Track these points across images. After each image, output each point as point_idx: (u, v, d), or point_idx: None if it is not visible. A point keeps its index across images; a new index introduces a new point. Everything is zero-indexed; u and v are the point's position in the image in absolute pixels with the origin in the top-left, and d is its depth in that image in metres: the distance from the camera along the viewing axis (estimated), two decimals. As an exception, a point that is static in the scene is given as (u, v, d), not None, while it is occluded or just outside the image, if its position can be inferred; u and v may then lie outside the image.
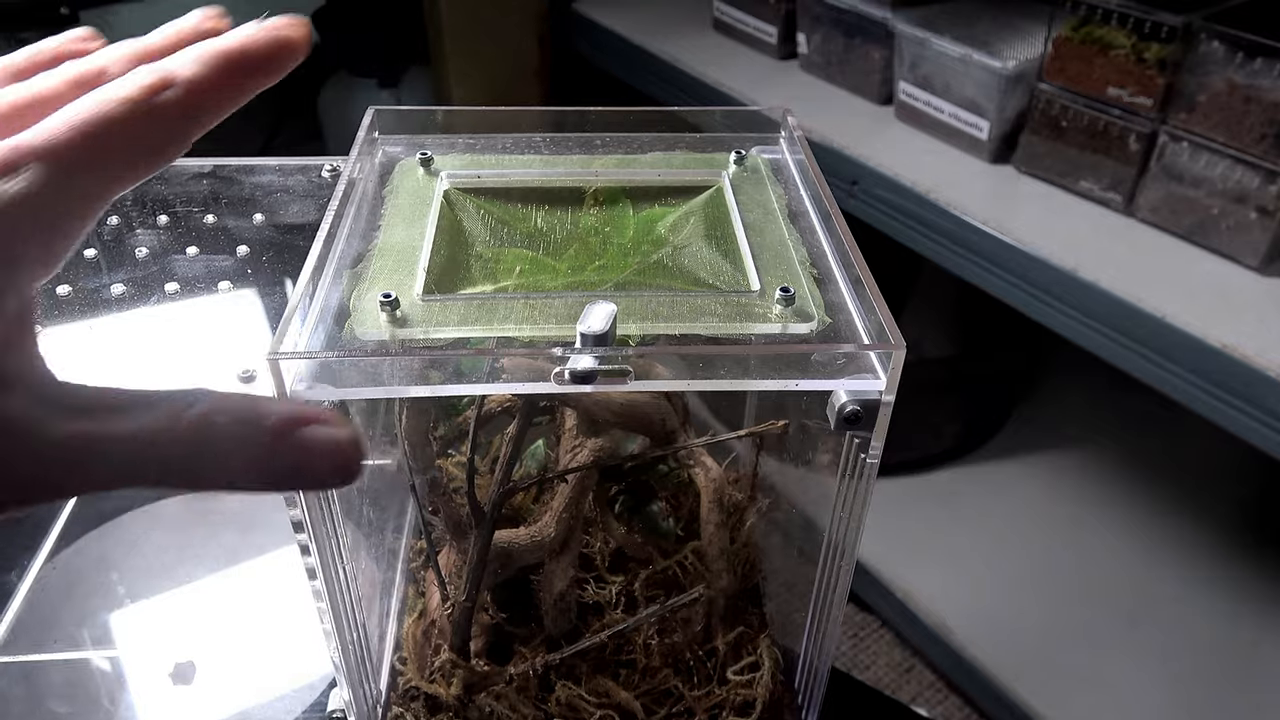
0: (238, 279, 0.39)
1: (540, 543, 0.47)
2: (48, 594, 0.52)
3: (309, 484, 0.23)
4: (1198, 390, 0.77)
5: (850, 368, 0.33)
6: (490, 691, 0.46)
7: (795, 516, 0.49)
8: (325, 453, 0.22)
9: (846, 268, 0.38)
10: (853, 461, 0.36)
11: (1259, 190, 0.79)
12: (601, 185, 0.44)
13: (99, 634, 0.52)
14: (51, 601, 0.52)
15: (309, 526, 0.34)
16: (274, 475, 0.22)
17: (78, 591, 0.53)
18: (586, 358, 0.32)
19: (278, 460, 0.22)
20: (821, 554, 0.40)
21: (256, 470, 0.22)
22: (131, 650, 0.51)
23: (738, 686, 0.48)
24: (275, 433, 0.22)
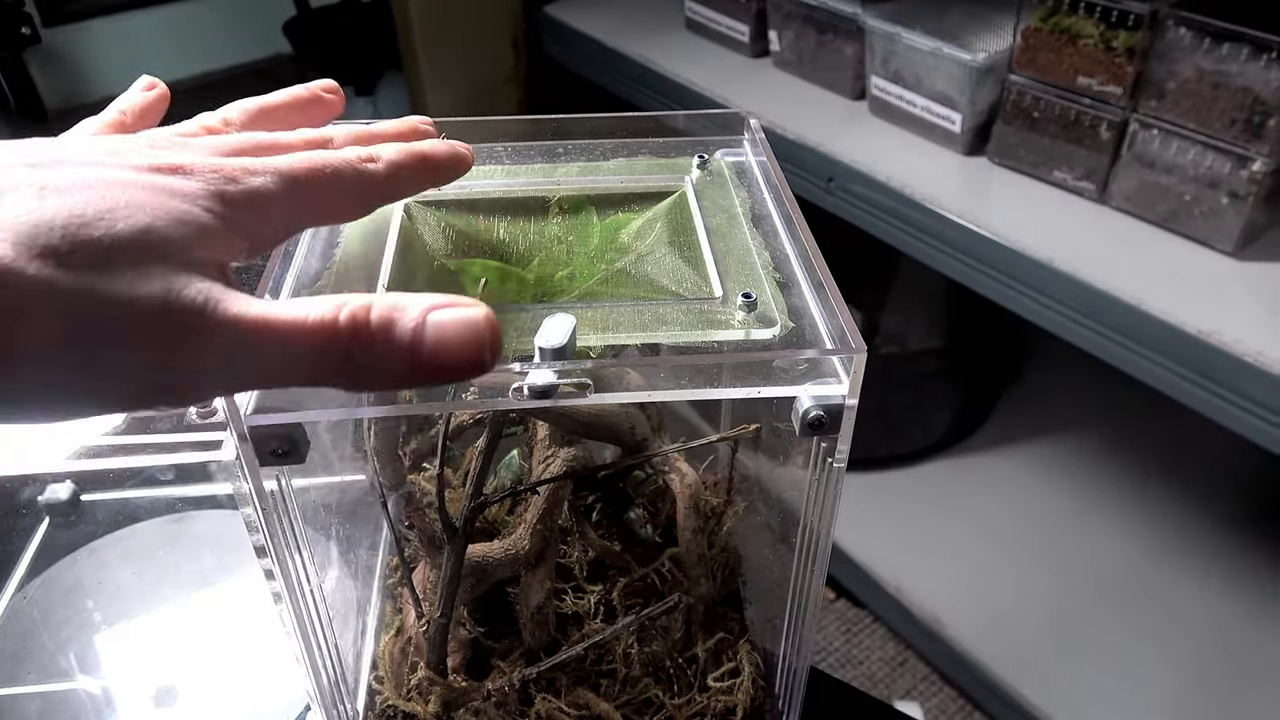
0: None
1: (515, 556, 0.47)
2: (20, 624, 0.52)
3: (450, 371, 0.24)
4: (1177, 378, 0.77)
5: (813, 373, 0.33)
6: (469, 707, 0.46)
7: (773, 517, 0.49)
8: (461, 335, 0.24)
9: (809, 271, 0.37)
10: (820, 465, 0.35)
11: (1230, 175, 0.79)
12: (565, 193, 0.44)
13: (75, 663, 0.51)
14: (24, 632, 0.51)
15: (271, 551, 0.34)
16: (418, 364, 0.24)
17: (51, 620, 0.52)
18: (545, 372, 0.31)
19: (421, 349, 0.24)
20: (795, 555, 0.40)
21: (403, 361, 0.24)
22: (109, 678, 0.51)
23: (718, 693, 0.48)
24: (416, 322, 0.24)
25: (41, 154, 0.24)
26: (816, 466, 0.35)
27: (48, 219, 0.22)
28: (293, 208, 0.28)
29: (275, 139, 0.31)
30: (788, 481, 0.44)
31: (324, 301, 0.24)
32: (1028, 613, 1.19)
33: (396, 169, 0.31)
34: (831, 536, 0.37)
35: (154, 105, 0.36)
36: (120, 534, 0.56)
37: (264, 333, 0.24)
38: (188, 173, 0.26)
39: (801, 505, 0.39)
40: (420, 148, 0.33)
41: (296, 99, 0.36)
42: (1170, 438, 1.33)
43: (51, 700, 0.49)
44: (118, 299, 0.22)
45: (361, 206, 0.31)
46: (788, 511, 0.44)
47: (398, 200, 0.34)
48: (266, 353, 0.24)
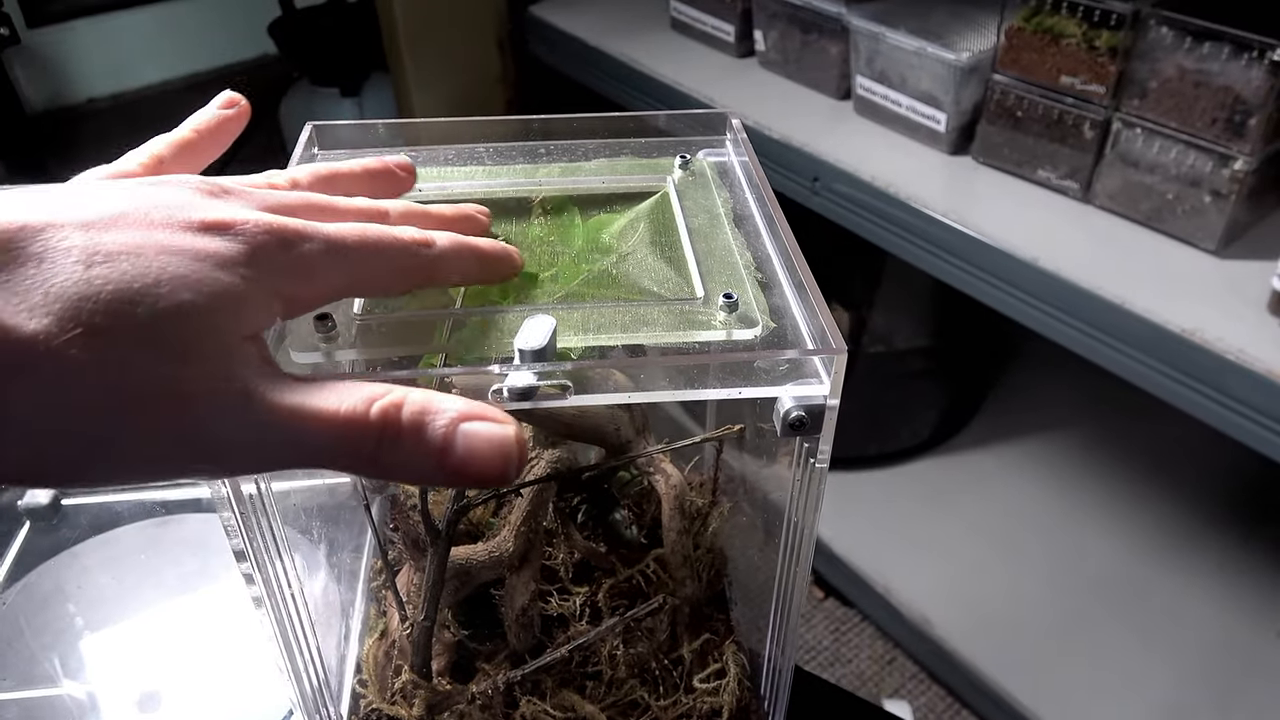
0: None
1: (499, 558, 0.47)
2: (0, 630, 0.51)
3: (474, 480, 0.25)
4: (1160, 376, 0.77)
5: (794, 373, 0.33)
6: (453, 711, 0.45)
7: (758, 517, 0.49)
8: (489, 450, 0.25)
9: (791, 271, 0.37)
10: (803, 465, 0.35)
11: (1212, 174, 0.79)
12: (547, 194, 0.44)
13: (57, 669, 0.51)
14: (4, 638, 0.51)
15: (250, 555, 0.34)
16: (444, 468, 0.25)
17: (32, 626, 0.52)
18: (525, 374, 0.31)
19: (448, 456, 0.24)
20: (779, 554, 0.40)
21: (429, 463, 0.25)
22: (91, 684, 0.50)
23: (704, 695, 0.48)
24: (446, 429, 0.24)
25: (97, 209, 0.24)
26: (799, 466, 0.35)
27: (93, 292, 0.22)
28: (337, 277, 0.28)
29: (331, 203, 0.31)
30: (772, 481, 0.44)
31: (356, 393, 0.25)
32: (1015, 611, 1.19)
33: (448, 258, 0.32)
34: (815, 536, 0.37)
35: (229, 124, 0.37)
36: (101, 538, 0.55)
37: (296, 422, 0.24)
38: (235, 233, 0.26)
39: (785, 505, 0.39)
40: (474, 243, 0.34)
41: (368, 169, 0.37)
42: (1156, 436, 1.33)
43: (30, 707, 0.48)
44: (154, 378, 0.23)
45: (405, 285, 0.32)
46: (772, 511, 0.44)
47: (439, 286, 0.35)
48: (298, 439, 0.24)
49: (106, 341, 0.22)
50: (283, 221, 0.27)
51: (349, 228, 0.29)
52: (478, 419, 0.25)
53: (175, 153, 0.34)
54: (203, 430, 0.23)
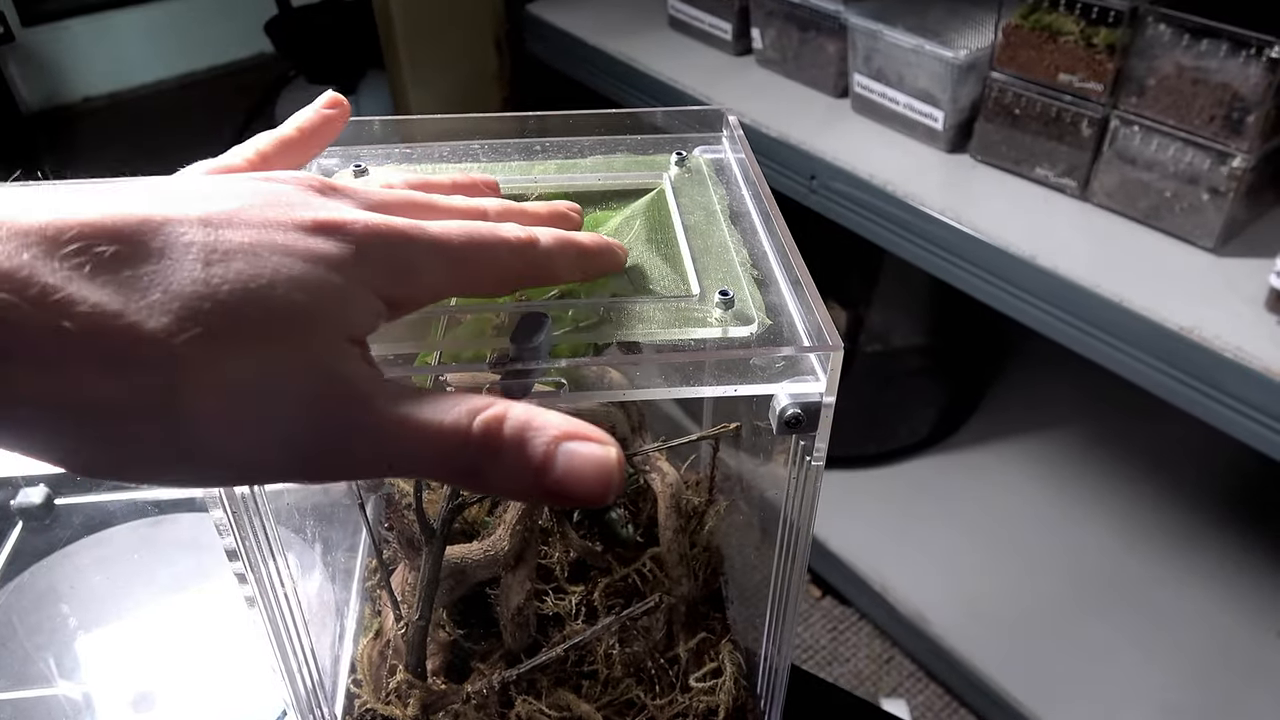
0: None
1: (494, 557, 0.46)
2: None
3: (572, 500, 0.25)
4: (1158, 373, 0.77)
5: (790, 371, 0.33)
6: (448, 710, 0.45)
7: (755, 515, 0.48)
8: (589, 471, 0.24)
9: (787, 268, 0.37)
10: (799, 463, 0.35)
11: (1210, 171, 0.79)
12: (543, 191, 0.44)
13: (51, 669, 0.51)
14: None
15: (243, 554, 0.33)
16: (543, 487, 0.24)
17: (25, 626, 0.52)
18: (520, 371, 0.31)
19: (548, 474, 0.24)
20: (775, 553, 0.40)
21: (529, 480, 0.24)
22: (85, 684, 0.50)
23: (700, 694, 0.47)
24: (548, 448, 0.24)
25: (216, 205, 0.24)
26: (795, 464, 0.35)
27: (210, 292, 0.22)
28: (442, 277, 0.28)
29: (433, 201, 0.31)
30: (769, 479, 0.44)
31: (461, 404, 0.24)
32: (1013, 609, 1.19)
33: (553, 255, 0.31)
34: (811, 534, 0.37)
35: (332, 123, 0.37)
36: (95, 538, 0.55)
37: (401, 431, 0.24)
38: (346, 234, 0.25)
39: (782, 503, 0.38)
40: (577, 239, 0.33)
41: (456, 182, 0.37)
42: (1154, 434, 1.33)
43: (24, 707, 0.48)
44: (265, 380, 0.22)
45: (511, 285, 0.31)
46: (768, 510, 0.44)
47: (543, 285, 0.34)
48: (400, 449, 0.24)
49: (222, 343, 0.22)
50: (389, 222, 0.27)
51: (455, 226, 0.28)
52: (580, 439, 0.25)
53: (278, 150, 0.34)
54: (306, 435, 0.23)
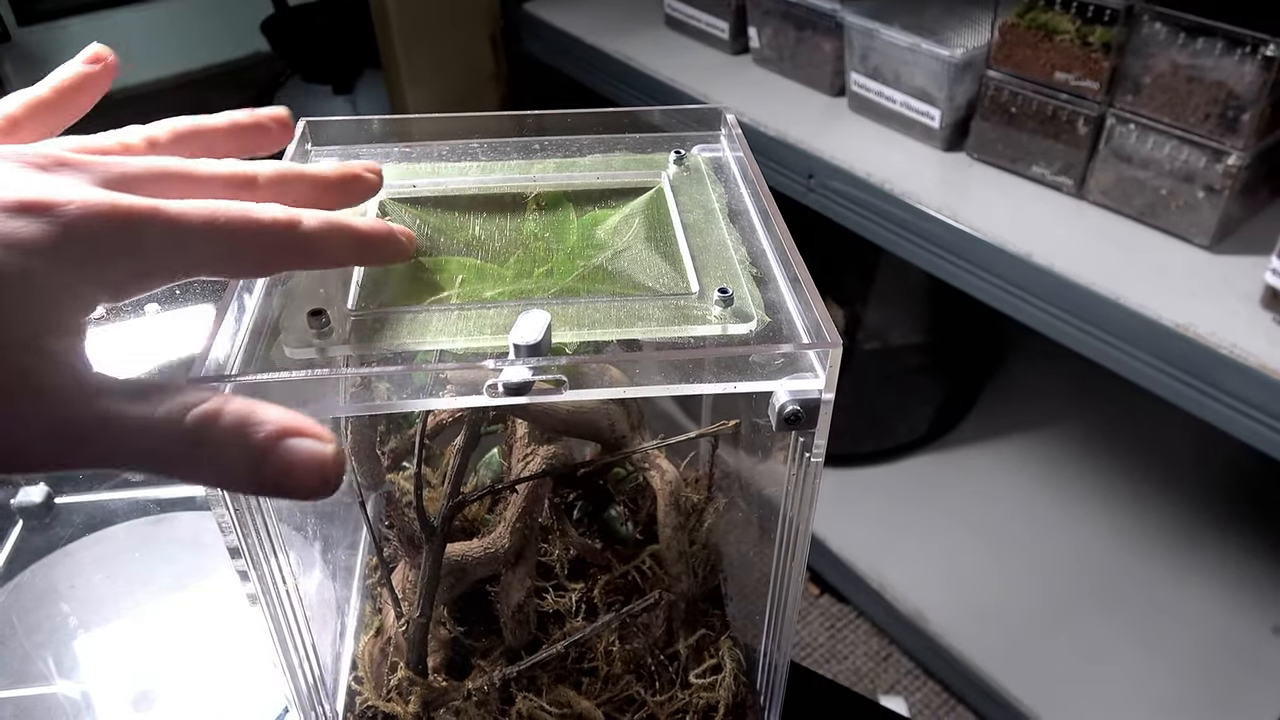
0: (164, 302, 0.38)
1: (494, 555, 0.47)
2: (-8, 630, 0.51)
3: (289, 494, 0.25)
4: (1153, 370, 0.78)
5: (789, 368, 0.33)
6: (449, 707, 0.45)
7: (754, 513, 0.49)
8: (307, 467, 0.24)
9: (786, 266, 0.37)
10: (798, 460, 0.35)
11: (1206, 169, 0.79)
12: (542, 190, 0.44)
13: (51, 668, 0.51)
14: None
15: (245, 552, 0.34)
16: (259, 481, 0.24)
17: (25, 625, 0.52)
18: (520, 368, 0.31)
19: (264, 468, 0.24)
20: (775, 549, 0.40)
21: (244, 474, 0.24)
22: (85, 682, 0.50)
23: (700, 690, 0.48)
24: (265, 443, 0.24)
25: None
26: (794, 461, 0.35)
27: None
28: (178, 261, 0.26)
29: (188, 169, 0.29)
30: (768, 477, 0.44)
31: (173, 399, 0.24)
32: (1010, 606, 1.20)
33: (316, 239, 0.29)
34: (810, 530, 0.37)
35: (93, 82, 0.33)
36: (95, 536, 0.55)
37: (101, 422, 0.23)
38: (54, 215, 0.24)
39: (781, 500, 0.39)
40: (349, 224, 0.31)
41: (235, 124, 0.34)
42: (1150, 431, 1.34)
43: (25, 706, 0.48)
44: None
45: (267, 268, 0.30)
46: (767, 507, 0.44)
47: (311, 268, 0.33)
48: (101, 441, 0.23)
49: None
50: (113, 200, 0.25)
51: (196, 207, 0.26)
52: (298, 434, 0.24)
53: (29, 113, 0.31)
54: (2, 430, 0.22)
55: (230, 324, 0.33)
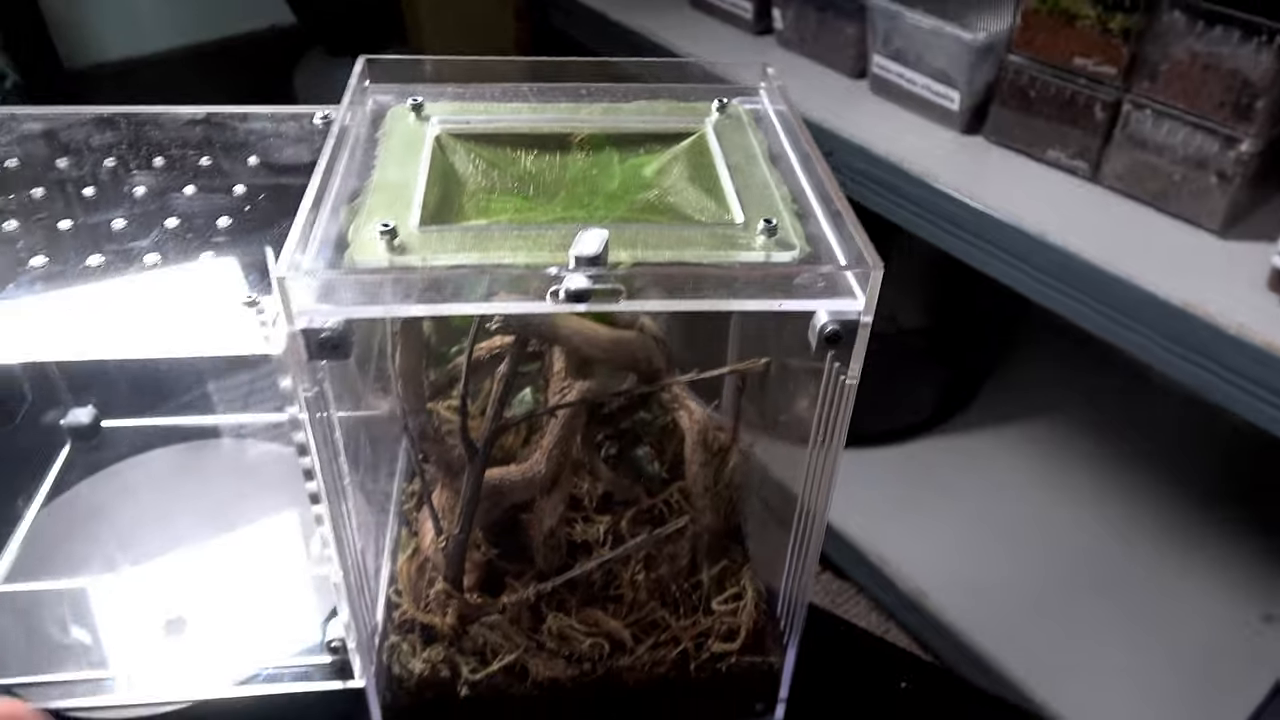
0: (236, 215, 0.40)
1: (531, 479, 0.49)
2: (43, 540, 0.53)
3: None
4: (1162, 349, 0.80)
5: (830, 290, 0.35)
6: (483, 622, 0.48)
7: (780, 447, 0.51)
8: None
9: (826, 203, 0.39)
10: (833, 384, 0.37)
11: (1218, 156, 0.81)
12: (588, 132, 0.46)
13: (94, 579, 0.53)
14: (46, 548, 0.53)
15: (313, 447, 0.36)
16: None
17: (75, 535, 0.54)
18: (580, 277, 0.33)
19: None
20: (804, 467, 0.42)
21: None
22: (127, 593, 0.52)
23: (722, 616, 0.50)
24: None
25: None
26: (829, 384, 0.37)
27: None
28: None
29: None
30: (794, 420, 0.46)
31: None
32: (1009, 587, 1.22)
33: None
34: (840, 454, 0.39)
35: None
36: (141, 458, 0.57)
37: None
38: None
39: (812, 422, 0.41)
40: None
41: None
42: (1152, 419, 1.36)
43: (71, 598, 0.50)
44: None
45: None
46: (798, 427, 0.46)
47: None
48: None
49: None
50: None
51: None
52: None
53: None
54: None
55: (303, 235, 0.35)
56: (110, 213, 0.40)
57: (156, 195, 0.41)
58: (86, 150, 0.43)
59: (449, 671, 0.47)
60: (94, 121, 0.44)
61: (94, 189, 0.41)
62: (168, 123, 0.45)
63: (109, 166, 0.43)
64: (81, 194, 0.41)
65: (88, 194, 0.41)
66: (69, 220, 0.39)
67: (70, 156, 0.43)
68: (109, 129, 0.45)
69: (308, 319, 0.33)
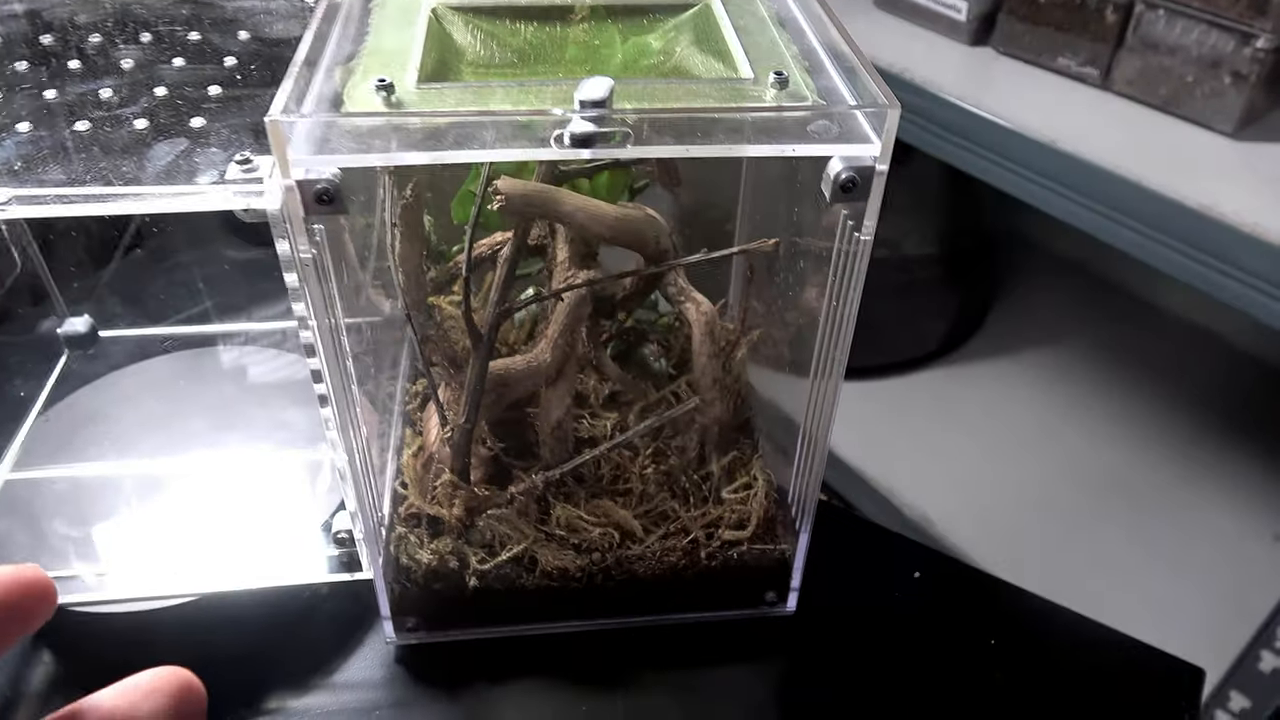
0: (228, 84, 0.39)
1: (536, 369, 0.48)
2: (45, 443, 0.52)
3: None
4: (1177, 254, 0.78)
5: (845, 136, 0.34)
6: (491, 514, 0.47)
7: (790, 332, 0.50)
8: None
9: (838, 58, 0.38)
10: (847, 240, 0.36)
11: (1233, 54, 0.79)
12: (590, 2, 0.44)
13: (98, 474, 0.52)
14: (49, 450, 0.52)
15: (310, 309, 0.35)
16: None
17: (73, 443, 0.53)
18: (585, 122, 0.32)
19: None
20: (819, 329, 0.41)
21: None
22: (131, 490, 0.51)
23: (733, 505, 0.49)
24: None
25: None
26: (842, 238, 0.36)
27: None
28: None
29: None
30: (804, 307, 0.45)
31: None
32: (1017, 512, 1.22)
33: None
34: (855, 315, 0.38)
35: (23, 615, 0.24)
36: (140, 365, 0.56)
37: None
38: None
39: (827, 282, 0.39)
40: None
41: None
42: (1158, 345, 1.35)
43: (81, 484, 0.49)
44: None
45: None
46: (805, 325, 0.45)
47: None
48: None
49: None
50: None
51: None
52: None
53: None
54: None
55: (297, 86, 0.33)
56: (97, 83, 0.38)
57: (144, 67, 0.40)
58: (71, 28, 0.42)
59: (457, 562, 0.46)
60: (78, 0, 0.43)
61: (79, 63, 0.40)
62: (153, 0, 0.44)
63: (95, 42, 0.41)
64: (67, 67, 0.40)
65: (73, 67, 0.40)
66: (54, 91, 0.38)
67: (54, 34, 0.42)
68: (93, 7, 0.43)
69: (304, 170, 0.32)
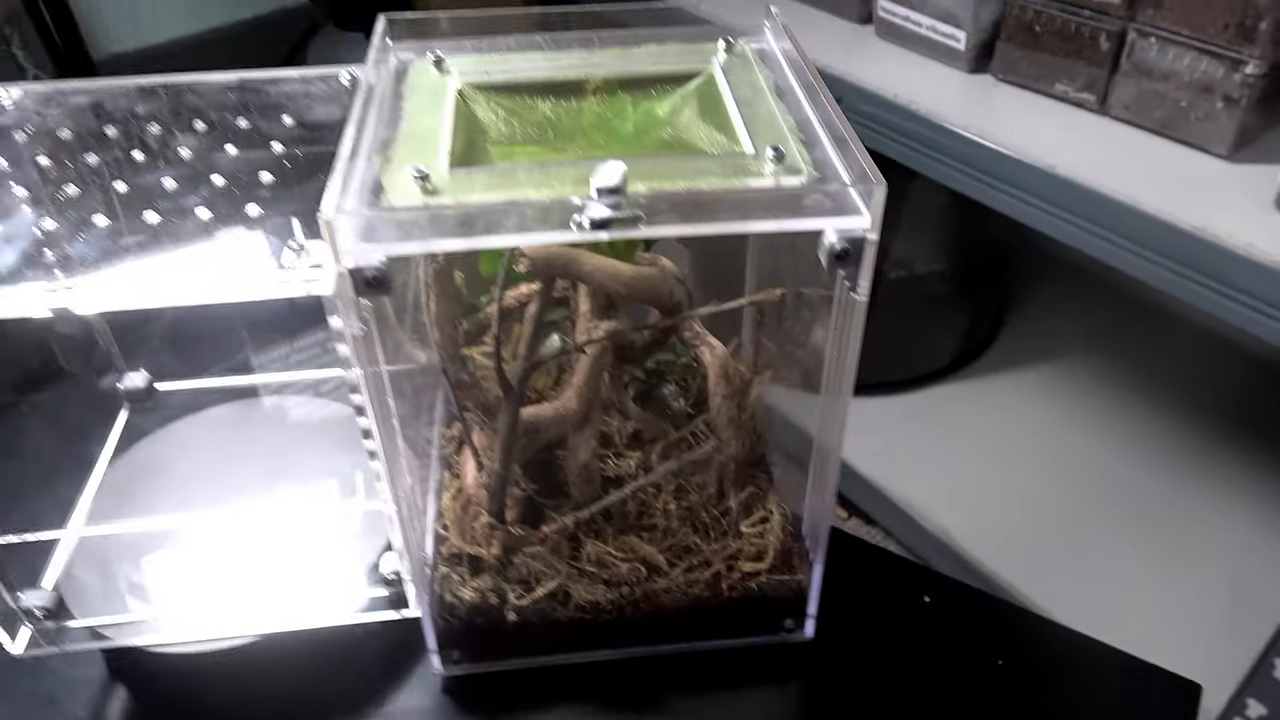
0: (277, 170, 0.43)
1: (563, 415, 0.51)
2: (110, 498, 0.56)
3: None
4: (1172, 274, 0.81)
5: (837, 209, 0.37)
6: (526, 552, 0.50)
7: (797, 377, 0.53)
8: None
9: (831, 130, 0.41)
10: (844, 301, 0.40)
11: (1224, 79, 0.82)
12: (602, 76, 0.48)
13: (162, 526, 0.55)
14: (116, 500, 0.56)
15: (363, 386, 0.38)
16: None
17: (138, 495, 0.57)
18: (601, 206, 0.35)
19: None
20: (824, 373, 0.44)
21: None
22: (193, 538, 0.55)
23: (751, 538, 0.52)
24: None
25: None
26: (839, 301, 0.40)
27: None
28: None
29: None
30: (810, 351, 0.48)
31: None
32: (1035, 524, 1.24)
33: None
34: (855, 368, 0.42)
35: None
36: (196, 416, 0.60)
37: None
38: None
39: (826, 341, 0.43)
40: None
41: None
42: (1169, 359, 1.37)
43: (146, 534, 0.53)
44: None
45: None
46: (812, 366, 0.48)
47: None
48: None
49: None
50: None
51: None
52: None
53: None
54: None
55: (342, 182, 0.37)
56: (159, 173, 0.42)
57: (201, 156, 0.44)
58: (131, 119, 0.46)
59: (497, 598, 0.50)
60: (135, 91, 0.47)
61: (142, 153, 0.44)
62: (204, 89, 0.48)
63: (154, 132, 0.45)
64: (131, 158, 0.44)
65: (137, 158, 0.44)
66: (123, 183, 0.42)
67: (117, 125, 0.46)
68: (150, 98, 0.47)
69: (354, 258, 0.35)
